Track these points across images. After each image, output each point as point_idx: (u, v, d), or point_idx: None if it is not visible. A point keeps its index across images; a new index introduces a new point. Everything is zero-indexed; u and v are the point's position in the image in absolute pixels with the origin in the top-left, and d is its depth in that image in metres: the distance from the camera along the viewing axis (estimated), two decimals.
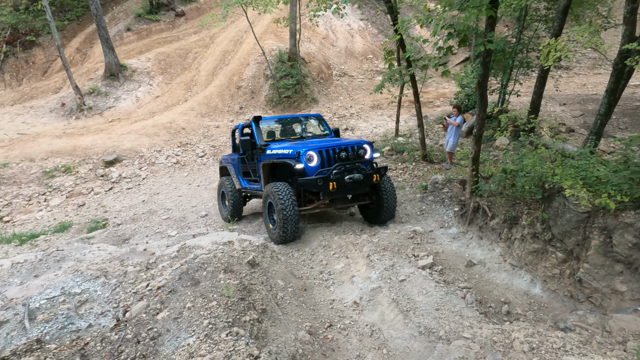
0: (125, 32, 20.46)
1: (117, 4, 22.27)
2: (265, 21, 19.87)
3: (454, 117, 9.50)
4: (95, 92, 16.44)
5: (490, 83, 12.89)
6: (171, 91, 17.58)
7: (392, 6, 9.04)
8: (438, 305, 4.11)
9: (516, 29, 11.37)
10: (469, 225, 5.89)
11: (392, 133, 13.17)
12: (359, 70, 19.06)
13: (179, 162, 13.28)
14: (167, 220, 9.36)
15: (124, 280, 4.74)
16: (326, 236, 6.10)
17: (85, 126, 15.36)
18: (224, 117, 16.11)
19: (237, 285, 4.03)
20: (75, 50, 19.85)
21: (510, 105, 12.73)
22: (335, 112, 16.10)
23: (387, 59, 6.71)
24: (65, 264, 6.01)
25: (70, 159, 12.94)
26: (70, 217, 10.39)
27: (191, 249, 5.34)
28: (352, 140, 6.59)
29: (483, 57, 5.07)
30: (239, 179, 8.07)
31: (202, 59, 19.05)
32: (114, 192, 11.78)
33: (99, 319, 3.90)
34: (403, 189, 8.57)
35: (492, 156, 9.93)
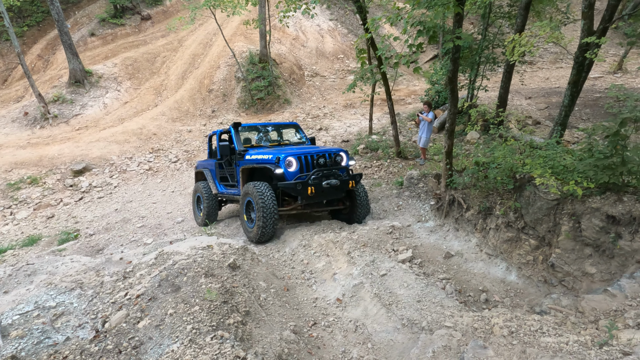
0: (89, 37, 19.89)
1: (80, 8, 21.63)
2: (235, 23, 19.72)
3: (425, 113, 9.68)
4: (60, 99, 15.91)
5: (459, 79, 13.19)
6: (140, 96, 17.21)
7: (361, 6, 9.14)
8: (419, 297, 4.19)
9: (481, 26, 11.69)
10: (445, 218, 6.03)
11: (365, 131, 13.30)
12: (330, 70, 19.16)
13: (151, 169, 13.01)
14: (142, 228, 9.17)
15: (101, 291, 4.62)
16: (306, 236, 6.12)
17: (51, 135, 14.85)
18: (196, 121, 15.89)
19: (219, 289, 3.99)
20: (37, 57, 19.16)
21: (479, 100, 13.06)
22: (309, 113, 16.13)
23: (360, 57, 6.78)
24: (36, 278, 5.80)
25: (37, 170, 12.49)
26: (39, 229, 10.03)
27: (169, 256, 5.25)
28: (330, 148, 6.88)
29: (452, 54, 5.20)
30: (216, 184, 8.04)
31: (171, 63, 18.73)
32: (85, 202, 11.44)
33: (76, 331, 3.79)
34: (379, 186, 8.68)
35: (464, 150, 10.17)
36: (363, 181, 9.27)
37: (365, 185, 8.88)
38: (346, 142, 12.96)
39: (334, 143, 13.07)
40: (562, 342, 2.78)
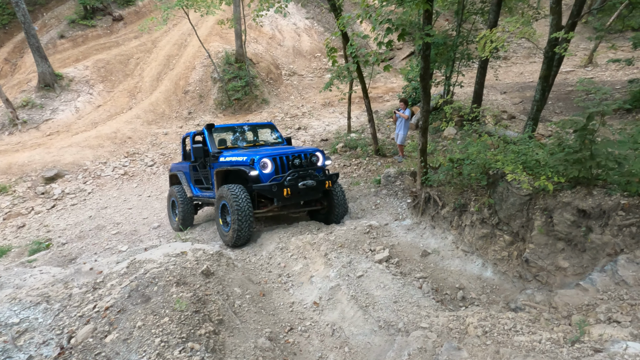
0: (58, 40, 19.31)
1: (48, 10, 20.97)
2: (209, 23, 19.43)
3: (401, 110, 9.69)
4: (29, 104, 15.39)
5: (435, 75, 13.29)
6: (114, 99, 16.79)
7: (334, 4, 9.08)
8: (396, 298, 4.15)
9: (455, 22, 11.77)
10: (421, 215, 6.02)
11: (344, 130, 13.27)
12: (308, 69, 19.06)
13: (127, 173, 12.71)
14: (117, 235, 8.94)
15: (69, 304, 4.43)
16: (283, 238, 6.03)
17: (21, 141, 14.37)
18: (172, 124, 15.60)
19: (190, 298, 3.88)
20: (4, 60, 18.50)
21: (455, 97, 13.17)
22: (287, 112, 16.01)
23: (330, 55, 6.74)
24: (2, 293, 5.55)
25: (6, 178, 12.05)
26: (9, 240, 9.68)
27: (142, 264, 5.09)
28: (305, 148, 6.82)
29: (423, 51, 5.18)
30: (191, 187, 7.87)
31: (145, 65, 18.33)
32: (57, 209, 11.09)
33: (40, 349, 3.62)
34: (358, 185, 8.64)
35: (441, 146, 10.23)
36: (342, 180, 9.22)
37: (344, 184, 8.84)
38: (325, 140, 12.91)
39: (313, 142, 13.00)
40: (535, 341, 2.77)
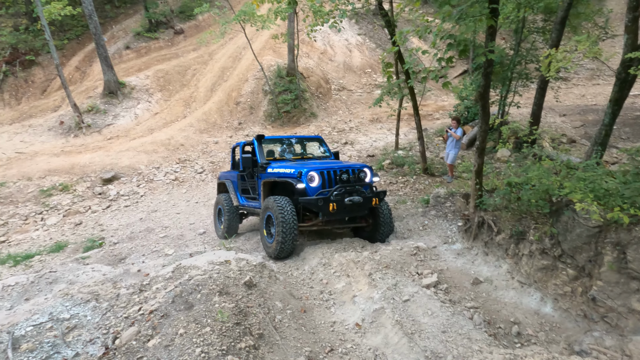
0: (124, 50, 20.56)
1: (117, 22, 22.45)
2: (264, 37, 19.97)
3: (452, 129, 9.40)
4: (94, 110, 16.40)
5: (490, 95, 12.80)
6: (170, 108, 17.55)
7: (389, 20, 9.01)
8: (444, 327, 3.90)
9: (514, 41, 11.34)
10: (473, 240, 5.71)
11: (392, 146, 13.06)
12: (357, 85, 19.06)
13: (177, 179, 13.13)
14: (165, 239, 9.16)
15: (116, 304, 4.53)
16: (326, 254, 5.91)
17: (84, 144, 15.27)
18: (222, 133, 16.04)
19: (232, 309, 3.84)
20: (75, 68, 19.91)
21: (510, 117, 12.63)
22: (335, 127, 16.02)
23: (386, 71, 6.64)
24: (57, 287, 5.81)
25: (68, 177, 12.80)
26: (67, 236, 10.19)
27: (186, 270, 5.15)
28: (353, 164, 6.71)
29: (484, 68, 4.96)
30: (237, 195, 7.96)
31: (201, 76, 19.08)
32: (112, 210, 11.61)
33: (87, 347, 3.69)
34: (404, 203, 8.40)
35: (494, 168, 9.78)
36: (387, 198, 9.01)
37: (389, 202, 8.62)
38: (372, 157, 12.75)
39: (359, 158, 12.88)
40: None
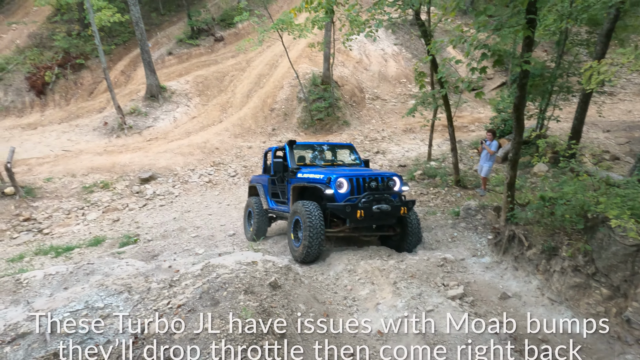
0: (167, 56, 21.41)
1: (161, 29, 23.42)
2: (301, 46, 20.29)
3: (488, 141, 9.23)
4: (135, 112, 17.14)
5: (528, 108, 12.51)
6: (207, 112, 18.09)
7: (425, 30, 8.99)
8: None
9: (555, 54, 11.03)
10: (503, 254, 5.57)
11: (424, 157, 12.94)
12: (392, 94, 19.02)
13: (211, 181, 13.48)
14: (196, 238, 9.41)
15: (147, 297, 4.72)
16: (352, 260, 5.93)
17: (125, 144, 15.96)
18: (256, 138, 16.36)
19: (256, 308, 3.92)
20: (120, 72, 20.90)
21: (549, 131, 12.26)
22: (367, 135, 16.03)
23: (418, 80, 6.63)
24: (93, 278, 6.09)
25: (109, 176, 13.39)
26: (105, 231, 10.65)
27: (215, 268, 5.29)
28: (383, 172, 6.71)
29: (520, 79, 4.88)
30: (267, 199, 8.11)
31: (238, 82, 19.58)
32: (148, 208, 12.04)
33: (117, 335, 3.86)
34: (434, 215, 8.30)
35: (530, 183, 9.51)
36: (417, 208, 8.92)
37: (419, 213, 8.54)
38: (403, 167, 12.67)
39: (390, 167, 12.82)
40: None
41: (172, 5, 24.49)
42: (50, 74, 19.70)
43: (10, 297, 6.00)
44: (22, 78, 19.84)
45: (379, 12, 8.64)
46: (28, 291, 6.14)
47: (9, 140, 16.07)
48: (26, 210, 11.63)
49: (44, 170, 13.63)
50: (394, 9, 8.56)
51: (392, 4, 8.27)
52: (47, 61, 20.33)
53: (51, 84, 19.73)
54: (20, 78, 19.93)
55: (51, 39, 21.28)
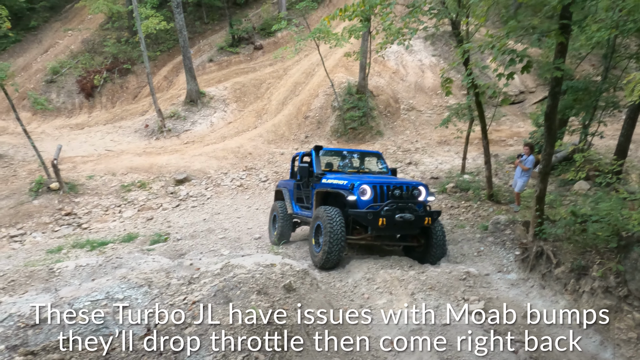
0: (207, 63, 22.15)
1: (204, 37, 24.28)
2: (337, 55, 20.42)
3: (524, 155, 8.89)
4: (175, 115, 17.78)
5: (571, 123, 11.96)
6: (243, 118, 18.49)
7: (461, 40, 8.81)
8: (484, 357, 3.66)
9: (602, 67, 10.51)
10: (530, 271, 5.30)
11: (458, 170, 12.63)
12: (427, 105, 18.74)
13: (242, 185, 13.71)
14: (223, 240, 9.56)
15: (165, 292, 4.82)
16: (371, 269, 5.83)
17: (163, 146, 16.56)
18: (289, 145, 16.53)
19: (267, 308, 3.92)
20: (163, 78, 21.79)
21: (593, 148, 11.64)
22: (400, 146, 15.84)
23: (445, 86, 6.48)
24: (119, 271, 6.31)
25: (146, 176, 13.90)
26: (138, 229, 11.02)
27: (233, 268, 5.34)
28: (408, 181, 6.56)
29: (551, 87, 4.67)
30: (292, 204, 8.14)
31: (274, 89, 19.92)
32: (180, 209, 12.39)
33: (132, 326, 3.96)
34: (462, 228, 8.05)
35: (569, 201, 9.05)
36: (446, 221, 8.69)
37: (447, 225, 8.30)
38: (435, 178, 12.41)
39: (422, 178, 12.58)
40: None
41: (216, 14, 25.35)
42: (99, 77, 20.83)
43: (43, 284, 6.31)
44: (74, 81, 21.11)
45: (413, 21, 8.56)
46: (59, 280, 6.44)
47: (57, 138, 17.06)
48: (68, 205, 12.25)
49: (87, 168, 14.34)
50: (429, 18, 8.45)
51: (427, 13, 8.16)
52: (97, 66, 21.54)
53: (99, 87, 20.85)
54: (72, 81, 21.20)
55: (102, 45, 22.55)
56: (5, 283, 6.44)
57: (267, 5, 25.07)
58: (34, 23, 25.75)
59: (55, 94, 20.91)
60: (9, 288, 6.26)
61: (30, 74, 22.43)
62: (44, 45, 24.63)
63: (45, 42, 24.88)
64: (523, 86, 19.24)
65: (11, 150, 16.01)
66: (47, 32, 25.74)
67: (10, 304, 4.89)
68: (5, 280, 6.54)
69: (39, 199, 12.29)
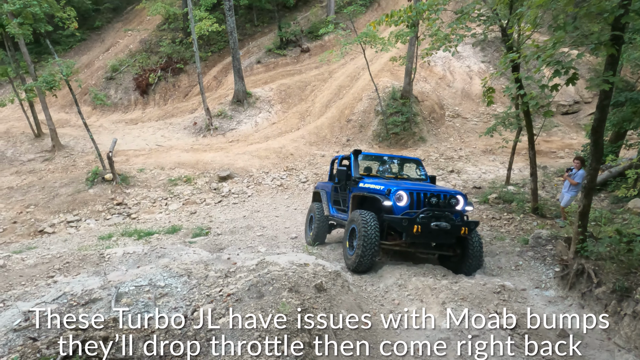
0: (255, 64, 22.76)
1: (253, 39, 24.97)
2: (383, 59, 20.35)
3: (574, 169, 8.52)
4: (222, 115, 18.41)
5: (629, 137, 11.29)
6: (286, 119, 18.85)
7: (511, 46, 8.58)
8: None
9: None
10: (569, 289, 5.10)
11: (502, 180, 12.27)
12: (474, 113, 18.29)
13: (282, 185, 13.99)
14: (260, 237, 9.82)
15: (203, 283, 5.07)
16: (404, 275, 5.82)
17: (209, 144, 17.20)
18: (330, 148, 16.68)
19: (297, 306, 4.04)
20: (213, 78, 22.62)
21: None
22: (443, 153, 15.57)
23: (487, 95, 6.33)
24: (162, 260, 6.68)
25: (192, 171, 14.50)
26: (182, 221, 11.53)
27: (268, 264, 5.52)
28: (446, 189, 6.48)
29: (600, 100, 4.49)
30: (329, 206, 8.24)
31: (319, 92, 20.15)
32: (222, 205, 12.84)
33: (171, 312, 4.21)
34: (502, 240, 7.83)
35: (621, 219, 8.56)
36: (486, 232, 8.48)
37: (486, 237, 8.11)
38: (478, 188, 12.11)
39: (463, 188, 12.32)
40: None
41: (266, 17, 25.98)
42: (153, 76, 21.96)
43: (94, 268, 6.80)
44: (131, 78, 22.37)
45: (461, 27, 8.43)
46: (108, 265, 6.91)
47: (113, 132, 18.15)
48: (120, 196, 13.02)
49: (138, 161, 15.17)
50: (477, 25, 8.30)
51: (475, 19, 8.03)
52: (152, 64, 22.71)
53: (153, 85, 21.97)
54: (129, 78, 22.49)
55: (158, 45, 23.75)
56: (61, 264, 6.99)
57: (315, 9, 25.40)
58: (98, 23, 27.55)
59: (113, 90, 22.25)
60: (64, 269, 6.79)
61: (92, 71, 24.02)
62: (106, 44, 26.28)
63: (107, 41, 26.55)
64: (578, 96, 18.34)
65: (72, 142, 17.23)
66: (109, 32, 27.46)
67: (64, 283, 5.33)
68: (61, 262, 7.11)
69: (94, 189, 13.16)
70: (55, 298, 4.46)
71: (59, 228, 11.66)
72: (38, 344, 3.07)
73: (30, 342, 3.19)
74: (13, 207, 12.48)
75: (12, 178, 14.67)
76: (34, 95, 15.07)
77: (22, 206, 12.55)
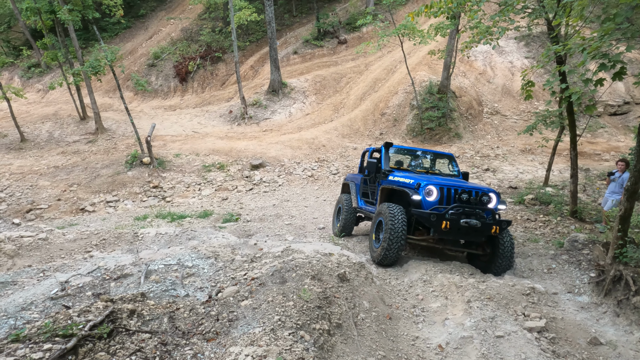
0: (292, 55, 22.83)
1: (291, 30, 25.04)
2: (421, 53, 19.96)
3: (618, 172, 8.08)
4: (257, 104, 18.62)
5: None
6: (320, 110, 18.84)
7: (557, 41, 8.18)
8: None
9: None
10: (605, 296, 4.85)
11: (540, 181, 11.81)
12: (514, 110, 17.64)
13: (313, 176, 14.04)
14: (289, 226, 9.93)
15: (228, 266, 5.17)
16: (429, 271, 5.73)
17: (243, 132, 17.46)
18: (363, 141, 16.57)
19: (318, 293, 4.05)
20: (250, 67, 22.88)
21: None
22: (479, 151, 15.14)
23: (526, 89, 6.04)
24: (192, 242, 6.87)
25: (226, 158, 14.79)
26: (214, 207, 11.81)
27: (293, 252, 5.58)
28: (478, 186, 6.27)
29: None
30: (358, 198, 8.20)
31: (354, 84, 20.00)
32: (253, 192, 13.03)
33: (196, 292, 4.33)
34: (536, 242, 7.55)
35: None
36: (519, 233, 8.21)
37: (519, 238, 7.85)
38: (514, 188, 11.72)
39: (499, 187, 11.95)
40: None
41: (304, 8, 25.99)
42: (193, 64, 22.46)
43: (128, 246, 7.08)
44: (171, 66, 22.99)
45: (504, 20, 8.11)
46: (141, 244, 7.18)
47: (153, 117, 18.75)
48: (156, 179, 13.47)
49: (175, 147, 15.61)
50: (521, 16, 7.95)
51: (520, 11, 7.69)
52: (192, 53, 23.23)
53: (192, 72, 22.48)
54: (169, 66, 23.11)
55: (198, 33, 24.26)
56: (98, 240, 7.33)
57: (355, 0, 25.15)
58: (143, 11, 28.41)
59: (154, 77, 22.94)
60: (100, 245, 7.11)
61: (135, 58, 24.84)
62: (149, 32, 27.09)
63: (151, 29, 27.35)
64: (629, 96, 17.32)
65: (114, 125, 17.93)
66: (152, 20, 28.27)
67: (99, 258, 5.58)
68: (98, 238, 7.45)
69: (133, 171, 13.67)
70: (90, 271, 4.68)
71: (98, 207, 12.21)
72: (70, 311, 3.23)
73: (64, 309, 3.37)
74: (58, 185, 13.16)
75: (58, 158, 15.45)
76: (81, 79, 15.76)
77: (66, 185, 13.22)
